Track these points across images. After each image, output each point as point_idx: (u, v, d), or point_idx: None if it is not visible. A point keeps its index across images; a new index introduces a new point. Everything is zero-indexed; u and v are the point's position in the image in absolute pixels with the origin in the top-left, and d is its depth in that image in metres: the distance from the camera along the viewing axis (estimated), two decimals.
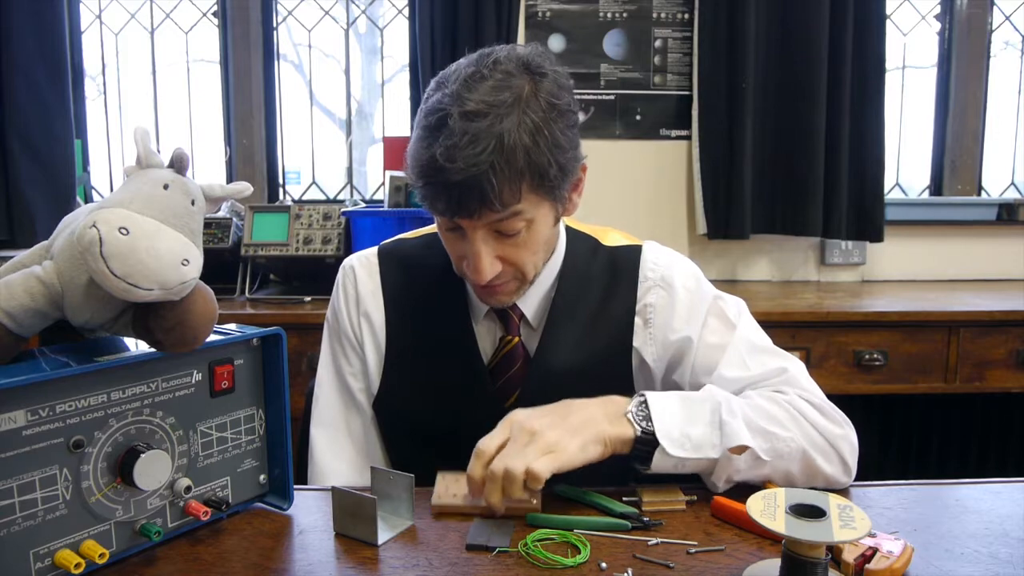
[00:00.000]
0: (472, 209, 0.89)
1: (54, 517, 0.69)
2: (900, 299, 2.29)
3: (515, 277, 0.99)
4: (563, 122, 0.92)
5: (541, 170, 0.90)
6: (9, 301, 0.70)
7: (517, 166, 0.88)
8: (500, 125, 0.87)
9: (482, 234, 0.93)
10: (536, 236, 0.96)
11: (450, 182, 0.87)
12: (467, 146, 0.86)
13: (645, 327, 1.07)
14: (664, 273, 1.08)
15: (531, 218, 0.93)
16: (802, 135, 2.42)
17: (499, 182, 0.87)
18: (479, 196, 0.87)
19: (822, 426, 0.92)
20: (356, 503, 0.79)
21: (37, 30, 2.24)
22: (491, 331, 1.08)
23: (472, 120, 0.86)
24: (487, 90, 0.88)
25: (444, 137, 0.87)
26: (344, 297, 1.12)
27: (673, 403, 0.90)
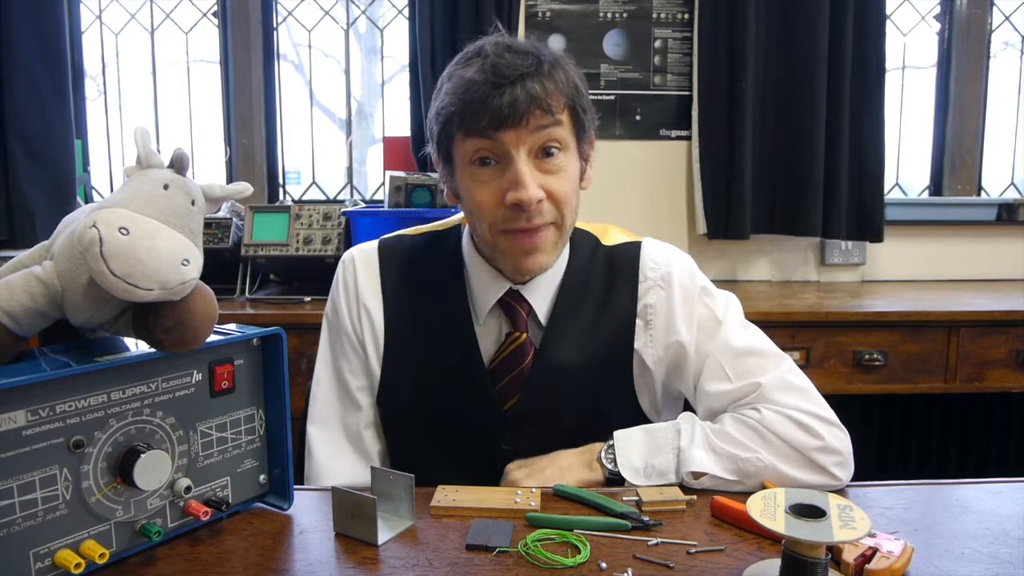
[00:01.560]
0: (522, 111, 0.91)
1: (54, 517, 0.69)
2: (900, 299, 2.29)
3: (555, 221, 0.98)
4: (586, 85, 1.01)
5: (578, 92, 0.98)
6: (9, 301, 0.70)
7: (558, 79, 0.95)
8: (538, 50, 0.96)
9: (524, 154, 0.94)
10: (570, 171, 0.99)
11: (501, 83, 0.91)
12: (516, 56, 0.93)
13: (646, 329, 1.07)
14: (664, 272, 1.08)
15: (566, 144, 0.98)
16: (802, 135, 2.42)
17: (548, 83, 0.93)
18: (529, 95, 0.91)
19: (794, 439, 0.93)
20: (356, 503, 0.79)
21: (37, 30, 2.24)
22: (495, 329, 1.07)
23: (512, 47, 0.95)
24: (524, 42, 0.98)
25: (490, 55, 0.93)
26: (344, 291, 1.11)
27: (637, 437, 0.99)
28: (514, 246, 0.98)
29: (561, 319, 1.06)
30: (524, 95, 0.91)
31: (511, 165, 0.94)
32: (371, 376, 1.09)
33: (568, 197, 0.98)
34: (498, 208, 0.96)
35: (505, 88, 0.91)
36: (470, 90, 0.92)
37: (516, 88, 0.91)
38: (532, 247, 0.98)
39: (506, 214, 0.96)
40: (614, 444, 0.98)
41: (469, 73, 0.93)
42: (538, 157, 0.96)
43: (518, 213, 0.95)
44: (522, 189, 0.93)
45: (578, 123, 0.99)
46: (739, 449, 0.93)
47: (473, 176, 0.97)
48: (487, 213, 0.97)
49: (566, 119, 0.97)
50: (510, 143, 0.93)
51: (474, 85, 0.92)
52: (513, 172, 0.94)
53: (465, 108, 0.93)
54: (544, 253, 0.99)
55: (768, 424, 0.94)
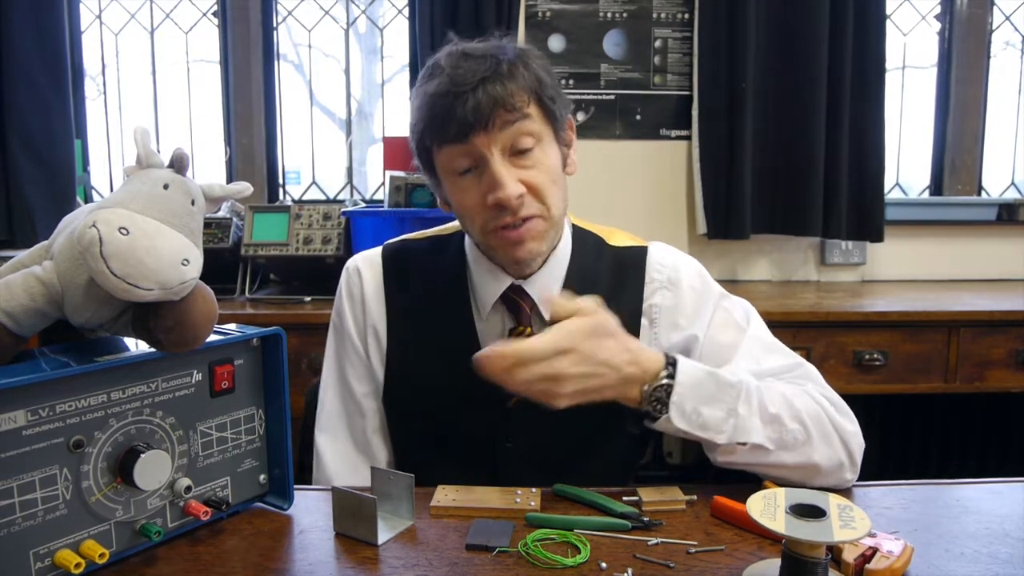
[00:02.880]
0: (486, 114, 0.92)
1: (54, 517, 0.69)
2: (900, 299, 2.29)
3: (539, 213, 0.99)
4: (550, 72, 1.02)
5: (541, 82, 0.98)
6: (9, 301, 0.70)
7: (519, 76, 0.96)
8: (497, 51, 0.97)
9: (498, 154, 0.95)
10: (547, 160, 0.99)
11: (462, 90, 0.93)
12: (473, 61, 0.95)
13: (651, 327, 1.08)
14: (670, 274, 1.09)
15: (539, 134, 0.98)
16: (802, 135, 2.41)
17: (508, 82, 0.94)
18: (491, 97, 0.93)
19: (837, 421, 0.94)
20: (356, 503, 0.79)
21: (37, 30, 2.24)
22: (498, 325, 1.07)
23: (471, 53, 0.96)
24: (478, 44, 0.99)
25: (448, 64, 0.95)
26: (347, 296, 1.12)
27: (699, 376, 0.90)
28: (503, 243, 1.00)
29: None
30: (486, 98, 0.93)
31: (487, 167, 0.95)
32: (376, 381, 1.10)
33: (548, 188, 0.99)
34: (484, 210, 0.98)
35: (466, 95, 0.93)
36: (434, 104, 0.95)
37: (477, 92, 0.93)
38: (519, 238, 0.99)
39: (492, 214, 0.97)
40: (675, 378, 0.88)
41: (431, 88, 0.95)
42: (513, 154, 0.97)
43: (502, 211, 0.96)
44: (500, 189, 0.95)
45: (548, 112, 1.00)
46: (788, 413, 0.90)
47: (456, 184, 0.99)
48: (475, 216, 0.99)
49: (534, 112, 0.98)
50: (482, 146, 0.94)
51: (437, 98, 0.94)
52: (490, 174, 0.95)
53: (433, 120, 0.95)
54: (533, 241, 1.00)
55: (815, 397, 0.95)
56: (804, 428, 0.91)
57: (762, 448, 0.89)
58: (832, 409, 0.95)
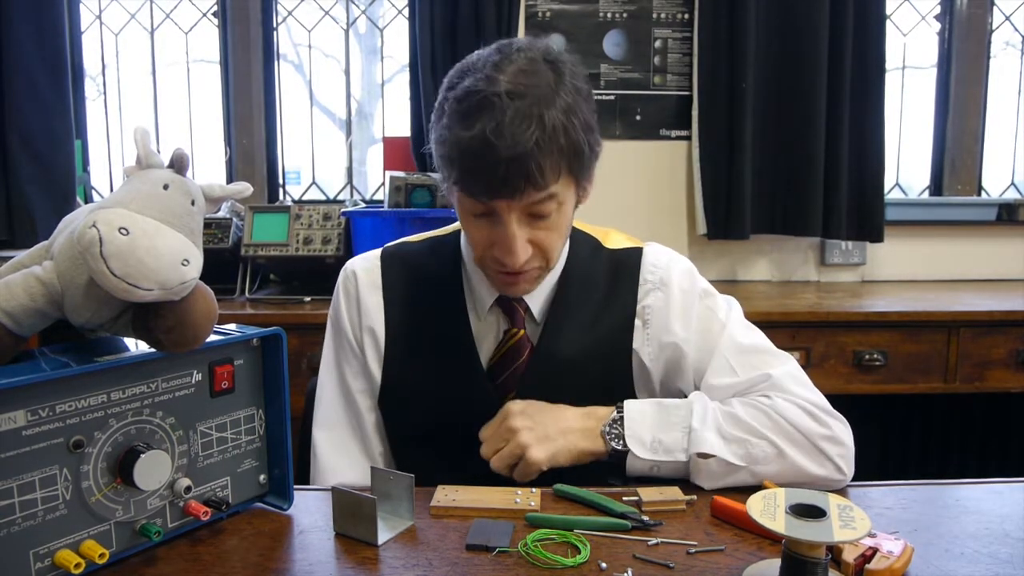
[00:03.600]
0: (516, 188, 0.90)
1: (54, 517, 0.69)
2: (900, 299, 2.29)
3: (540, 264, 1.00)
4: (588, 104, 0.98)
5: (578, 150, 0.94)
6: (9, 301, 0.70)
7: (559, 146, 0.91)
8: (541, 106, 0.90)
9: (516, 216, 0.94)
10: (564, 220, 0.99)
11: (498, 159, 0.87)
12: (514, 123, 0.88)
13: (644, 328, 1.08)
14: (662, 275, 1.10)
15: (562, 200, 0.96)
16: (802, 135, 2.41)
17: (543, 160, 0.89)
18: (524, 174, 0.89)
19: (805, 427, 0.94)
20: (356, 503, 0.79)
21: (37, 30, 2.24)
22: (494, 326, 1.08)
23: (514, 99, 0.89)
24: (518, 72, 0.91)
25: (489, 116, 0.88)
26: (344, 297, 1.13)
27: (648, 409, 0.98)
28: (497, 279, 1.02)
29: (559, 315, 1.07)
30: (517, 173, 0.89)
31: (502, 226, 0.94)
32: (373, 381, 1.10)
33: (555, 245, 0.99)
34: (486, 249, 0.98)
35: (501, 164, 0.88)
36: (466, 156, 0.90)
37: (512, 166, 0.88)
38: (515, 282, 1.01)
39: (493, 257, 0.98)
40: (623, 416, 0.97)
41: (469, 136, 0.89)
42: (531, 215, 0.95)
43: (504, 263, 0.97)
44: (509, 255, 0.95)
45: (577, 179, 0.97)
46: (749, 434, 0.93)
47: (466, 217, 0.99)
48: (476, 248, 1.00)
49: (563, 181, 0.94)
50: (502, 210, 0.93)
51: (472, 155, 0.89)
52: (502, 233, 0.94)
53: (463, 171, 0.92)
54: (528, 284, 1.02)
55: (779, 409, 0.95)
56: (771, 443, 0.93)
57: (731, 464, 0.92)
58: (800, 414, 0.95)
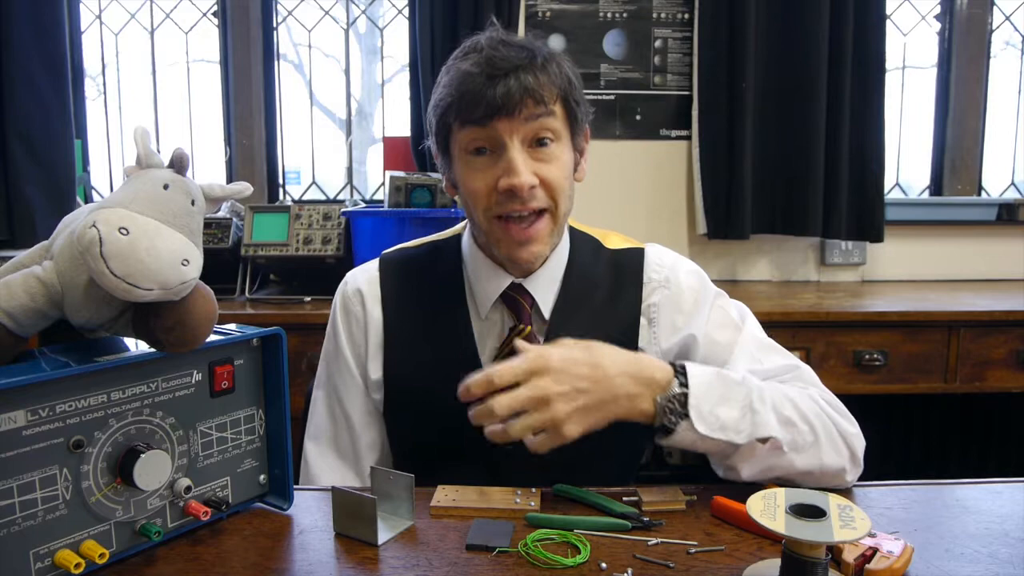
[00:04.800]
0: (515, 102, 0.94)
1: (54, 517, 0.69)
2: (900, 299, 2.29)
3: (547, 207, 1.00)
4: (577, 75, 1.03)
5: (571, 84, 1.00)
6: (9, 301, 0.70)
7: (552, 72, 0.98)
8: (534, 44, 0.99)
9: (517, 142, 0.97)
10: (563, 158, 1.01)
11: (496, 74, 0.94)
12: (509, 49, 0.96)
13: (650, 327, 1.08)
14: (668, 274, 1.10)
15: (559, 133, 1.00)
16: (802, 135, 2.41)
17: (541, 75, 0.96)
18: (522, 86, 0.94)
19: (838, 423, 0.94)
20: (356, 503, 0.79)
21: (37, 30, 2.24)
22: (498, 324, 1.08)
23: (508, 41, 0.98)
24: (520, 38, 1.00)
25: (486, 49, 0.97)
26: (343, 315, 1.12)
27: (714, 382, 0.89)
28: (508, 236, 1.00)
29: (565, 314, 1.07)
30: (517, 86, 0.94)
31: (505, 153, 0.97)
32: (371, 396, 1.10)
33: (561, 184, 1.00)
34: (492, 194, 0.99)
35: (499, 79, 0.94)
36: (465, 81, 0.95)
37: (510, 79, 0.94)
38: (526, 238, 1.00)
39: (500, 199, 0.98)
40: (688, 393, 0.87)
41: (465, 66, 0.96)
42: (531, 146, 0.98)
43: (511, 198, 0.97)
44: (515, 175, 0.96)
45: (571, 115, 1.01)
46: (798, 417, 0.91)
47: (468, 164, 1.00)
48: (481, 199, 1.00)
49: (559, 110, 0.99)
50: (504, 131, 0.96)
51: (470, 77, 0.95)
52: (507, 159, 0.97)
53: (461, 99, 0.96)
54: (539, 243, 1.01)
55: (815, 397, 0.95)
56: (812, 429, 0.91)
57: (778, 450, 0.89)
58: (832, 411, 0.95)
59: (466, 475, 0.96)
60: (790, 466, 0.90)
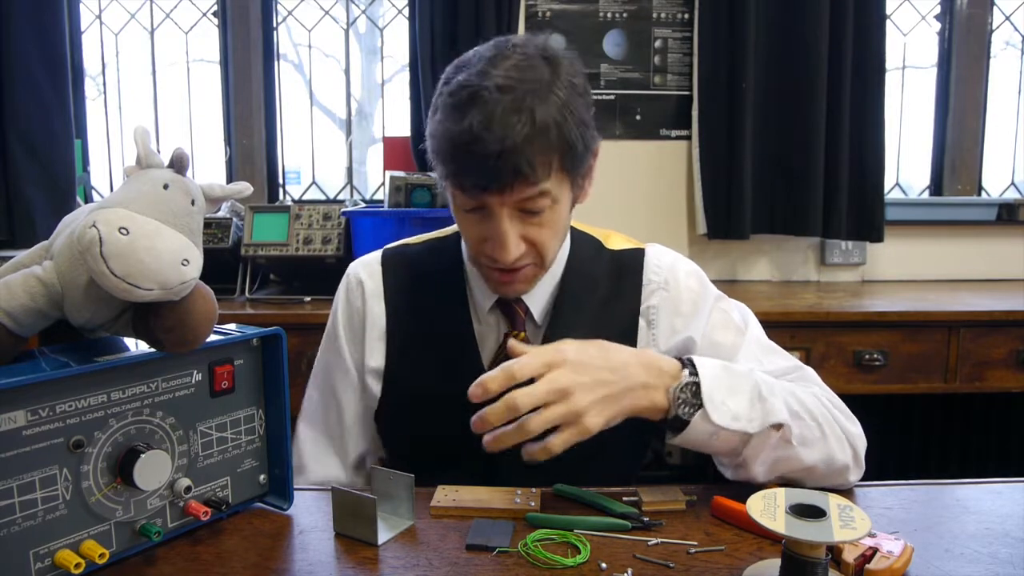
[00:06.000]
0: (505, 182, 0.88)
1: (54, 517, 0.69)
2: (900, 299, 2.29)
3: (534, 262, 0.99)
4: (584, 100, 0.95)
5: (570, 146, 0.91)
6: (9, 301, 0.70)
7: (550, 140, 0.89)
8: (532, 100, 0.88)
9: (508, 212, 0.92)
10: (557, 218, 0.97)
11: (487, 153, 0.86)
12: (504, 116, 0.86)
13: (648, 329, 1.08)
14: (667, 275, 1.10)
15: (556, 198, 0.94)
16: (802, 135, 2.41)
17: (533, 155, 0.88)
18: (514, 169, 0.87)
19: (842, 422, 0.94)
20: (356, 503, 0.79)
21: (37, 30, 2.23)
22: (495, 328, 1.08)
23: (505, 93, 0.87)
24: (511, 67, 0.90)
25: (479, 110, 0.87)
26: (345, 307, 1.13)
27: (716, 370, 0.88)
28: (491, 277, 1.01)
29: (561, 317, 1.07)
30: (507, 168, 0.87)
31: (493, 222, 0.93)
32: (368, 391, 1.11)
33: (549, 244, 0.98)
34: (480, 244, 0.97)
35: (490, 159, 0.87)
36: (457, 150, 0.89)
37: (501, 160, 0.87)
38: (509, 281, 1.00)
39: (487, 254, 0.97)
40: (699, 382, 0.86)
41: (455, 130, 0.89)
42: (524, 211, 0.94)
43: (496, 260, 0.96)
44: (500, 251, 0.94)
45: (571, 175, 0.95)
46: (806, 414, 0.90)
47: (459, 212, 0.99)
48: (470, 245, 1.00)
49: (556, 177, 0.93)
50: (493, 204, 0.92)
51: (462, 147, 0.89)
52: (494, 229, 0.93)
53: (455, 163, 0.91)
54: (523, 284, 1.01)
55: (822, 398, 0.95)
56: (819, 425, 0.90)
57: (787, 442, 0.87)
58: (836, 411, 0.95)
59: (465, 473, 0.96)
60: (798, 460, 0.89)
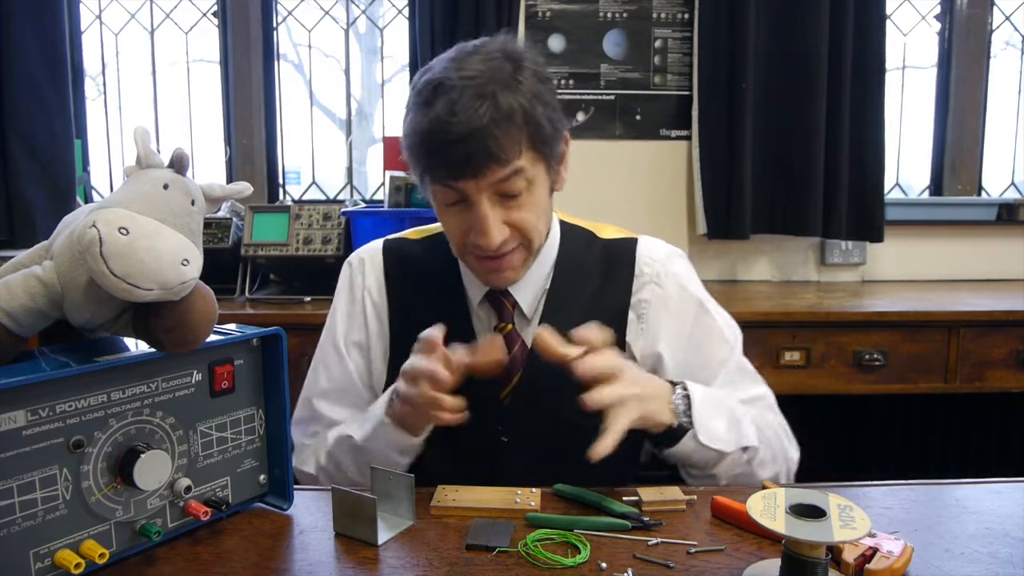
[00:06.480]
0: (477, 166, 0.91)
1: (54, 517, 0.69)
2: (900, 299, 2.29)
3: (521, 245, 1.00)
4: (548, 87, 0.98)
5: (538, 125, 0.94)
6: (9, 301, 0.70)
7: (516, 122, 0.92)
8: (495, 87, 0.91)
9: (487, 197, 0.94)
10: (536, 199, 0.99)
11: (454, 139, 0.89)
12: (468, 102, 0.89)
13: (638, 322, 1.09)
14: (659, 269, 1.10)
15: (531, 178, 0.96)
16: (802, 135, 2.41)
17: (501, 135, 0.90)
18: (483, 151, 0.90)
19: (787, 450, 1.06)
20: (356, 503, 0.79)
21: (37, 30, 2.24)
22: (486, 322, 1.09)
23: (468, 80, 0.90)
24: (476, 61, 0.93)
25: (443, 99, 0.90)
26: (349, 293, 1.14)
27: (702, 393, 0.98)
28: (480, 267, 1.02)
29: (552, 310, 1.07)
30: (478, 150, 0.89)
31: (474, 209, 0.95)
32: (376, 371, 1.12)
33: (533, 226, 0.99)
34: (464, 237, 0.99)
35: (459, 144, 0.89)
36: (428, 139, 0.91)
37: (469, 144, 0.89)
38: (498, 267, 1.01)
39: (472, 243, 0.99)
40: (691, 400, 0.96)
41: (424, 123, 0.91)
42: (502, 195, 0.95)
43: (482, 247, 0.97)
44: (483, 236, 0.95)
45: (543, 155, 0.97)
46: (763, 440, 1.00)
47: (441, 208, 1.00)
48: (454, 240, 1.01)
49: (527, 157, 0.94)
50: (470, 191, 0.94)
51: (431, 137, 0.91)
52: (476, 216, 0.95)
53: (427, 154, 0.93)
54: (511, 271, 1.02)
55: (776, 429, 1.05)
56: (772, 450, 1.01)
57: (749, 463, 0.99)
58: (785, 438, 1.05)
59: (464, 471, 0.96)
60: (754, 477, 1.00)
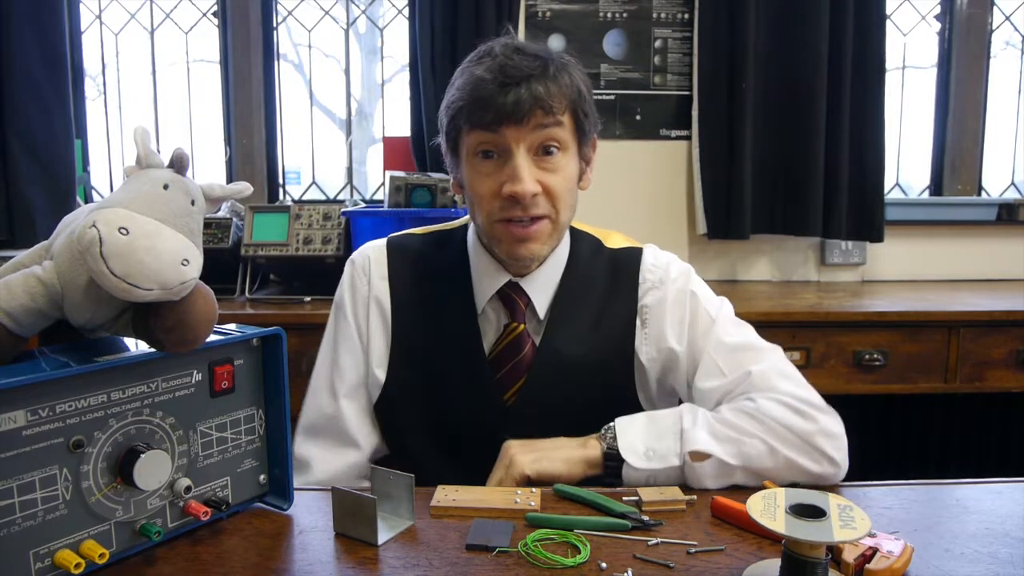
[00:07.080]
0: (525, 109, 0.96)
1: (54, 517, 0.69)
2: (900, 299, 2.29)
3: (549, 215, 1.02)
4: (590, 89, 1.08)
5: (582, 103, 1.03)
6: (9, 301, 0.70)
7: (564, 85, 1.01)
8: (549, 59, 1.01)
9: (524, 150, 0.99)
10: (568, 172, 1.03)
11: (507, 82, 0.96)
12: (522, 58, 0.99)
13: (643, 328, 1.10)
14: (661, 275, 1.11)
15: (566, 143, 1.02)
16: (802, 135, 2.41)
17: (551, 85, 0.99)
18: (531, 96, 0.97)
19: (792, 423, 0.93)
20: (356, 503, 0.79)
21: (37, 30, 2.24)
22: (494, 319, 1.09)
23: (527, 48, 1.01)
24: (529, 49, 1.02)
25: (499, 57, 0.99)
26: (351, 289, 1.14)
27: (639, 422, 0.98)
28: (509, 234, 1.03)
29: (561, 314, 1.08)
30: (528, 95, 0.96)
31: (511, 159, 0.99)
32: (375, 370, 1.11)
33: (563, 193, 1.02)
34: (496, 199, 1.01)
35: (511, 88, 0.96)
36: (478, 87, 0.98)
37: (521, 88, 0.96)
38: (526, 236, 1.02)
39: (503, 204, 1.01)
40: (615, 428, 0.97)
41: (479, 71, 0.99)
42: (537, 154, 1.00)
43: (514, 204, 1.00)
44: (518, 183, 0.98)
45: (579, 126, 1.04)
46: (741, 434, 0.93)
47: (475, 167, 1.02)
48: (486, 203, 1.02)
49: (567, 121, 1.02)
50: (511, 138, 0.98)
51: (482, 83, 0.98)
52: (512, 166, 0.99)
53: (473, 103, 0.98)
54: (538, 242, 1.04)
55: (765, 411, 0.95)
56: (762, 440, 0.92)
57: (726, 464, 0.92)
58: (785, 412, 0.94)
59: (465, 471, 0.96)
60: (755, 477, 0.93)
